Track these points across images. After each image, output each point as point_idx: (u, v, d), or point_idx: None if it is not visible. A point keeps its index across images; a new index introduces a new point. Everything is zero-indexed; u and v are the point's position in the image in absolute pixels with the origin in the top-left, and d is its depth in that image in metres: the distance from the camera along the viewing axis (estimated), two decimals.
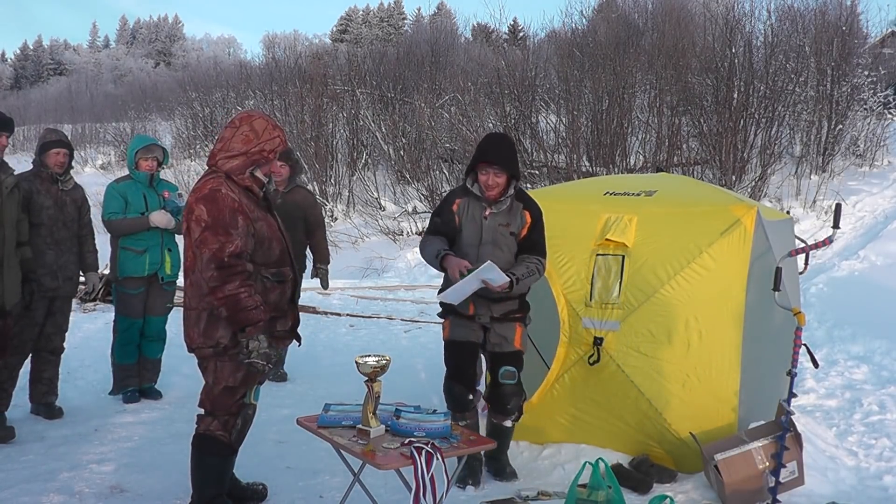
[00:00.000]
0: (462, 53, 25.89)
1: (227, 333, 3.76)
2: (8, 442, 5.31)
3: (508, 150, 4.67)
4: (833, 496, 4.49)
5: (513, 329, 4.70)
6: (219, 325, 3.77)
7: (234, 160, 3.81)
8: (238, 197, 3.76)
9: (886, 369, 7.19)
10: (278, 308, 3.94)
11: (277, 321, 3.95)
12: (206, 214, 3.66)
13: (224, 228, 3.64)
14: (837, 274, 10.62)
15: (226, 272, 3.62)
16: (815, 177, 14.89)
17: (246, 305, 3.65)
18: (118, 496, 4.47)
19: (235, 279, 3.63)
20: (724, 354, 4.82)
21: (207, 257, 3.62)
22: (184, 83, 30.14)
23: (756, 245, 4.92)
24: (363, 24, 70.19)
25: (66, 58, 77.87)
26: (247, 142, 3.82)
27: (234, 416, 3.92)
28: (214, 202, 3.69)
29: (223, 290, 3.62)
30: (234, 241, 3.65)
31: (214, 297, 3.64)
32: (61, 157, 5.81)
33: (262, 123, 3.88)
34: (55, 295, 5.77)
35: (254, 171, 3.86)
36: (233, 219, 3.69)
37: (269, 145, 3.85)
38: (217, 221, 3.65)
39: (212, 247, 3.61)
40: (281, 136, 3.91)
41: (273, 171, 6.85)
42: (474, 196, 4.68)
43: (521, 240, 4.67)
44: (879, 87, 16.30)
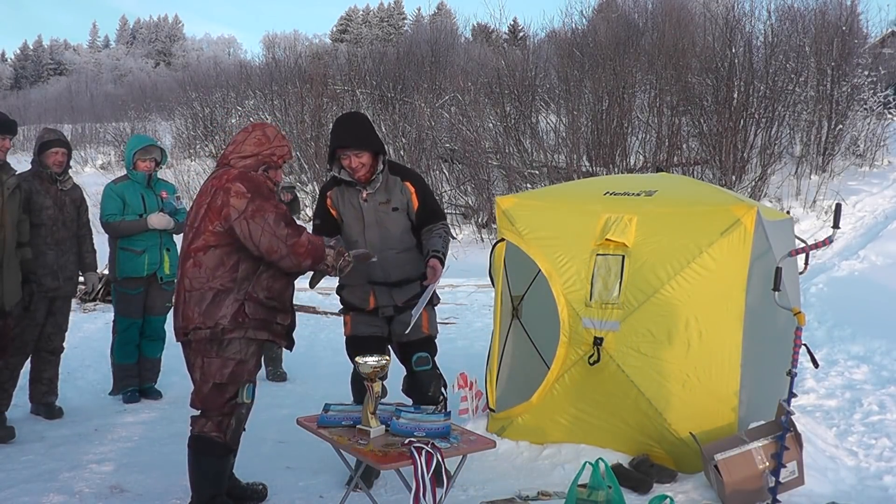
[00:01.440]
0: (462, 53, 25.88)
1: (229, 313, 3.81)
2: (8, 442, 5.32)
3: (361, 128, 4.55)
4: (833, 496, 4.48)
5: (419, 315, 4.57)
6: (223, 304, 3.82)
7: (246, 159, 3.98)
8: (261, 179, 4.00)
9: (886, 369, 7.18)
10: (281, 300, 3.99)
11: (278, 314, 3.99)
12: (247, 189, 3.81)
13: (271, 198, 3.89)
14: (837, 274, 10.62)
15: (293, 225, 3.85)
16: (815, 177, 14.89)
17: (320, 243, 3.92)
18: (118, 496, 4.47)
19: (302, 229, 3.89)
20: (724, 354, 4.82)
21: (273, 218, 3.78)
22: (184, 83, 30.13)
23: (756, 245, 4.91)
24: (363, 24, 70.19)
25: (66, 58, 77.87)
26: (259, 144, 4.01)
27: (228, 416, 3.92)
28: (250, 180, 3.89)
29: (301, 241, 3.81)
30: (282, 206, 3.92)
31: (296, 253, 3.80)
32: (60, 157, 5.80)
33: (273, 131, 4.12)
34: (55, 295, 5.77)
35: (266, 170, 4.02)
36: (270, 194, 3.93)
37: (278, 151, 4.06)
38: (261, 193, 3.85)
39: (271, 209, 3.79)
40: (289, 147, 4.13)
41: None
42: (346, 182, 4.58)
43: (417, 211, 4.59)
44: (879, 87, 16.29)
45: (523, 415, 5.29)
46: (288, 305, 4.05)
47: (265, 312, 3.90)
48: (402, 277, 4.61)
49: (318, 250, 3.86)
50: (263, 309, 3.90)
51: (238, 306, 3.83)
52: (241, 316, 3.83)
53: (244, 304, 3.83)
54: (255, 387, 4.02)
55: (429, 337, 4.68)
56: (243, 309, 3.83)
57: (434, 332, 4.73)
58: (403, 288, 4.64)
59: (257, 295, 3.87)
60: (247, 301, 3.84)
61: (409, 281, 4.60)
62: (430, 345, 4.69)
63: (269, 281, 3.90)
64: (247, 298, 3.84)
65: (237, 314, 3.82)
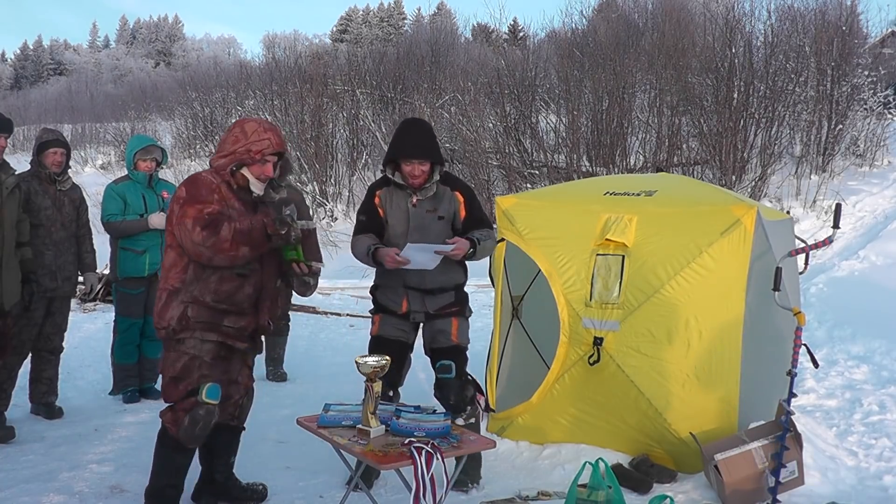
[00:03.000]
0: (462, 53, 25.88)
1: (175, 315, 3.86)
2: (8, 442, 5.31)
3: (426, 138, 4.59)
4: (833, 496, 4.48)
5: (449, 323, 4.65)
6: (171, 306, 3.88)
7: (223, 159, 3.96)
8: (218, 183, 3.92)
9: (886, 369, 7.18)
10: (232, 302, 3.94)
11: (228, 316, 3.95)
12: (185, 192, 3.85)
13: (201, 199, 3.82)
14: (837, 274, 10.61)
15: (212, 225, 3.73)
16: (815, 177, 14.88)
17: (247, 227, 3.76)
18: (118, 496, 4.46)
19: (222, 224, 3.74)
20: (724, 354, 4.82)
21: (190, 224, 3.73)
22: (184, 83, 30.13)
23: (756, 245, 4.92)
24: (363, 24, 70.17)
25: (66, 58, 77.81)
26: (235, 142, 3.95)
27: (184, 413, 3.91)
28: (193, 182, 3.92)
29: (220, 238, 3.72)
30: (212, 205, 3.82)
31: (220, 251, 3.72)
32: (58, 157, 5.80)
33: (252, 126, 4.01)
34: (54, 295, 5.77)
35: (236, 168, 3.94)
36: (208, 193, 3.86)
37: (256, 146, 3.93)
38: (194, 196, 3.83)
39: (191, 214, 3.75)
40: (273, 139, 3.97)
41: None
42: (397, 185, 4.62)
43: (464, 220, 4.64)
44: (879, 87, 16.29)
45: (523, 415, 5.29)
46: (245, 307, 3.98)
47: (211, 315, 3.90)
48: (437, 286, 4.62)
49: (249, 234, 3.75)
50: (209, 311, 3.89)
51: (182, 309, 3.86)
52: (185, 319, 3.86)
53: (188, 307, 3.86)
54: (219, 389, 3.92)
55: (457, 346, 4.68)
56: (186, 312, 3.86)
57: (463, 341, 4.73)
58: (437, 296, 4.65)
59: (204, 298, 3.87)
60: (190, 304, 3.86)
61: (443, 290, 4.61)
62: (456, 353, 4.68)
63: (216, 283, 3.88)
64: (191, 301, 3.86)
65: (182, 317, 3.86)
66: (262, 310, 4.07)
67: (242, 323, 3.99)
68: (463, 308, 4.73)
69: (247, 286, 3.96)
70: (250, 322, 4.03)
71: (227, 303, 3.92)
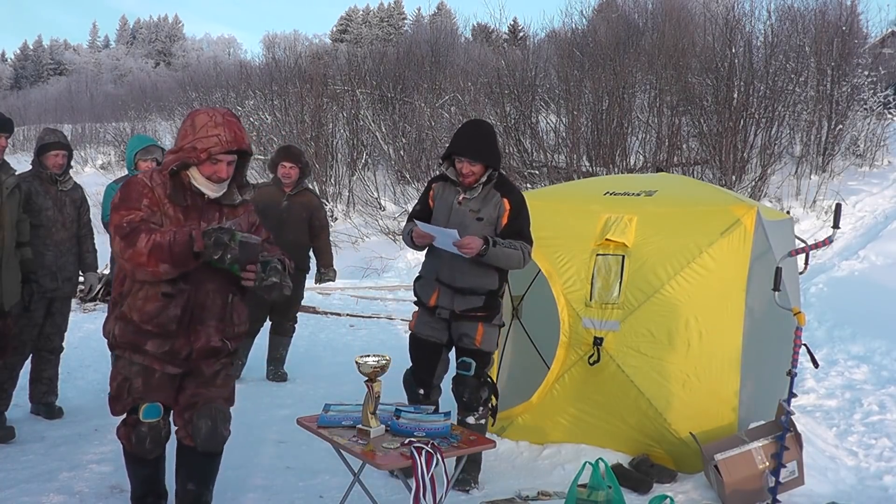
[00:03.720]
0: (462, 53, 25.88)
1: (111, 330, 3.58)
2: (8, 442, 5.31)
3: (482, 141, 4.62)
4: (833, 496, 4.49)
5: (474, 328, 4.64)
6: (109, 318, 3.61)
7: (171, 155, 3.53)
8: (152, 184, 3.49)
9: (886, 369, 7.19)
10: (157, 324, 3.50)
11: (151, 339, 3.52)
12: (117, 198, 3.47)
13: (127, 204, 3.41)
14: (837, 274, 10.62)
15: (130, 235, 3.31)
16: (815, 177, 14.88)
17: (166, 241, 3.28)
18: (118, 496, 4.46)
19: (139, 233, 3.31)
20: (725, 354, 4.82)
21: (112, 231, 3.39)
22: (184, 83, 30.15)
23: (756, 245, 4.92)
24: (363, 24, 70.18)
25: (66, 58, 77.86)
26: (183, 137, 3.50)
27: (131, 428, 3.68)
28: (126, 185, 3.53)
29: (136, 250, 3.29)
30: (134, 213, 3.39)
31: (138, 265, 3.31)
32: (60, 159, 5.79)
33: (203, 119, 3.49)
34: (55, 295, 5.77)
35: (179, 168, 3.49)
36: (138, 198, 3.44)
37: (202, 143, 3.43)
38: (122, 200, 3.44)
39: (114, 221, 3.39)
40: (223, 135, 3.45)
41: (281, 172, 7.02)
42: (451, 181, 4.71)
43: (504, 228, 4.62)
44: (879, 87, 16.28)
45: (523, 415, 5.30)
46: (171, 329, 3.51)
47: (135, 335, 3.53)
48: (467, 285, 4.60)
49: (169, 249, 3.26)
50: (134, 331, 3.53)
51: (114, 324, 3.59)
52: (114, 336, 3.59)
53: (117, 324, 3.56)
54: (158, 408, 3.66)
55: (478, 350, 4.68)
56: (115, 329, 3.57)
57: (486, 347, 4.70)
58: (466, 297, 4.64)
59: (131, 315, 3.51)
60: (118, 320, 3.56)
61: (473, 292, 4.58)
62: (478, 355, 4.68)
63: (142, 301, 3.48)
64: (120, 318, 3.55)
65: (113, 333, 3.59)
66: (200, 332, 3.59)
67: (167, 347, 3.55)
68: (491, 314, 4.67)
69: (172, 307, 3.49)
70: (182, 345, 3.56)
71: (151, 324, 3.50)
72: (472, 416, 4.65)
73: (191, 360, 3.61)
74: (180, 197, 3.50)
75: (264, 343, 7.32)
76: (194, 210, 3.54)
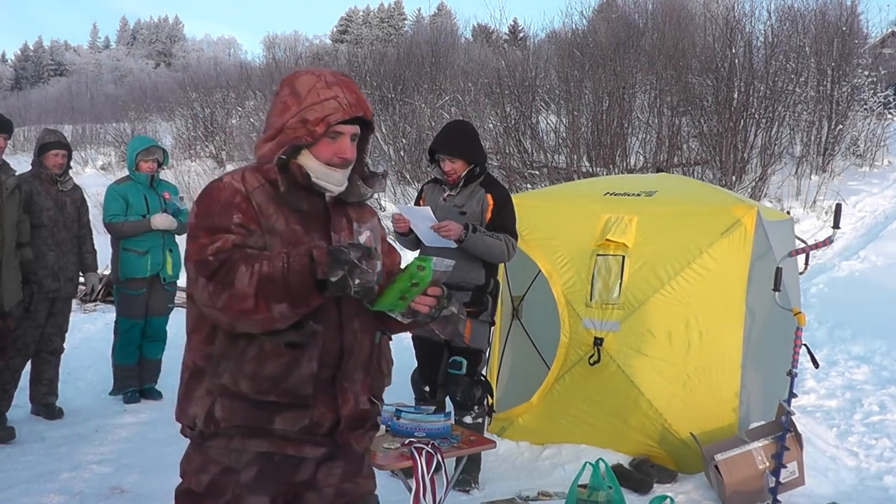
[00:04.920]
0: (462, 54, 25.86)
1: (201, 412, 2.33)
2: (8, 442, 5.33)
3: (460, 138, 4.76)
4: (833, 496, 4.49)
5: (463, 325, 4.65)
6: (193, 395, 2.36)
7: (266, 143, 2.41)
8: (247, 189, 2.34)
9: (887, 370, 7.19)
10: (286, 389, 2.30)
11: (279, 413, 2.32)
12: (193, 217, 2.34)
13: (210, 225, 2.28)
14: (838, 274, 10.61)
15: (223, 271, 2.19)
16: (816, 177, 14.86)
17: (277, 271, 2.15)
18: (118, 496, 4.47)
19: (236, 266, 2.18)
20: (725, 355, 4.82)
21: (192, 272, 2.26)
22: (184, 84, 30.10)
23: (756, 245, 4.92)
24: (363, 25, 70.18)
25: (67, 58, 77.88)
26: (283, 111, 2.40)
27: None
28: (207, 196, 2.35)
29: (235, 293, 2.16)
30: (221, 237, 2.26)
31: (241, 314, 2.17)
32: (60, 159, 5.81)
33: (308, 81, 2.40)
34: (56, 296, 5.78)
35: (287, 157, 2.35)
36: (225, 212, 2.29)
37: (314, 111, 2.34)
38: (200, 220, 2.30)
39: (192, 255, 2.26)
40: (342, 96, 2.37)
41: None
42: (440, 182, 4.84)
43: (488, 223, 4.65)
44: (880, 88, 16.28)
45: (524, 415, 5.30)
46: (307, 394, 2.32)
47: (250, 413, 2.31)
48: (453, 281, 4.56)
49: (283, 282, 2.14)
50: (247, 407, 2.31)
51: (210, 404, 2.33)
52: (212, 421, 2.32)
53: (216, 403, 2.32)
54: None
55: (469, 347, 4.69)
56: (213, 409, 2.32)
57: (476, 344, 4.72)
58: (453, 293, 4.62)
59: (238, 386, 2.29)
60: (220, 397, 2.32)
61: (459, 287, 4.57)
62: (468, 353, 4.70)
63: (255, 362, 2.29)
64: (220, 392, 2.32)
65: (209, 416, 2.33)
66: (347, 391, 2.40)
67: (306, 421, 2.35)
68: (479, 311, 4.68)
69: (306, 362, 2.31)
70: (324, 414, 2.37)
71: (276, 392, 2.30)
72: (469, 416, 4.66)
73: (336, 435, 2.42)
74: (296, 198, 2.37)
75: None
76: (314, 218, 2.41)
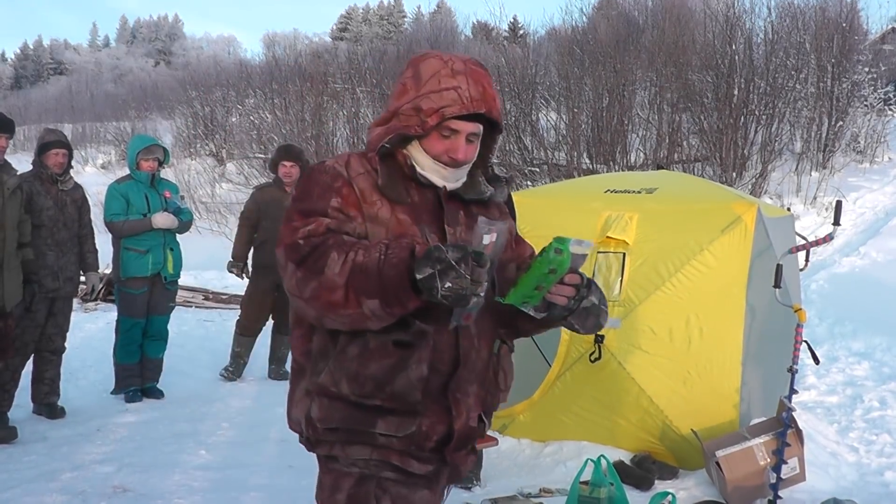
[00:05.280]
0: (462, 51, 25.87)
1: (302, 416, 2.13)
2: (10, 442, 5.33)
3: None
4: (834, 492, 4.49)
5: None
6: (294, 396, 2.16)
7: (379, 127, 2.21)
8: (349, 174, 2.11)
9: (887, 365, 7.20)
10: (391, 392, 2.04)
11: (381, 418, 2.06)
12: (290, 199, 2.13)
13: (305, 207, 2.05)
14: (838, 270, 10.62)
15: (312, 257, 1.94)
16: (816, 173, 14.87)
17: (372, 262, 1.87)
18: (121, 496, 4.47)
19: (327, 252, 1.92)
20: (725, 351, 4.83)
21: (281, 256, 2.02)
22: (184, 82, 30.08)
23: (757, 242, 4.93)
24: (363, 23, 70.11)
25: (67, 57, 77.85)
26: (400, 94, 2.19)
27: None
28: (307, 178, 2.15)
29: (325, 281, 1.90)
30: (315, 220, 2.02)
31: (329, 306, 1.92)
32: (60, 158, 5.81)
33: (433, 65, 2.17)
34: (56, 296, 5.78)
35: (392, 145, 2.13)
36: (324, 195, 2.06)
37: (429, 101, 2.10)
38: (296, 204, 2.09)
39: (285, 237, 2.03)
40: (462, 90, 2.10)
41: (282, 172, 7.07)
42: None
43: None
44: (880, 84, 16.30)
45: (525, 412, 5.30)
46: (416, 400, 2.05)
47: (349, 414, 2.07)
48: None
49: (377, 275, 1.86)
50: (346, 408, 2.07)
51: (307, 404, 2.12)
52: (310, 423, 2.11)
53: (314, 402, 2.10)
54: None
55: None
56: (311, 411, 2.11)
57: None
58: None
59: (338, 386, 2.06)
60: (316, 397, 2.10)
61: None
62: None
63: (357, 360, 2.05)
64: (316, 391, 2.09)
65: (309, 419, 2.11)
66: (460, 403, 2.13)
67: (413, 428, 2.08)
68: None
69: (414, 363, 2.04)
70: (433, 426, 2.10)
71: (380, 395, 2.05)
72: None
73: (444, 452, 2.12)
74: (399, 189, 2.13)
75: (265, 342, 7.34)
76: (425, 209, 2.16)
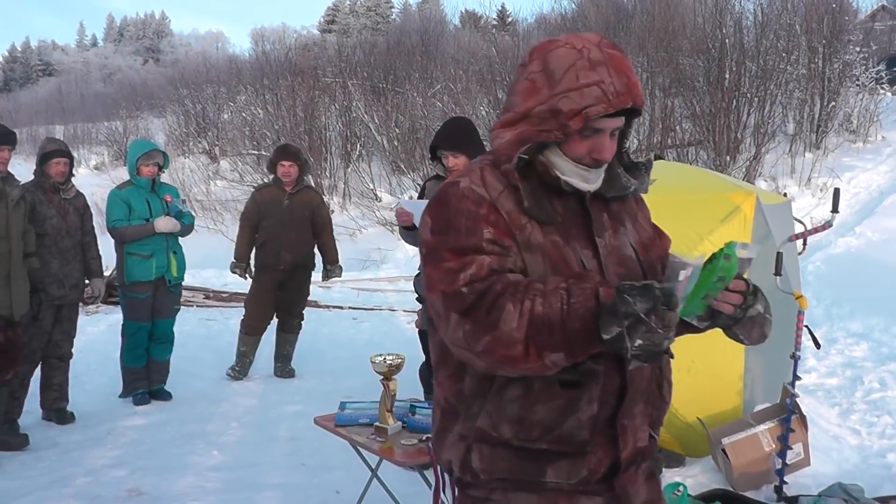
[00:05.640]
0: (452, 41, 25.81)
1: (456, 458, 1.97)
2: (23, 449, 5.36)
3: (462, 133, 5.02)
4: (837, 476, 4.55)
5: None
6: (446, 438, 2.00)
7: (507, 130, 1.93)
8: (491, 195, 1.87)
9: (886, 346, 7.27)
10: (558, 436, 1.87)
11: (551, 463, 1.89)
12: (429, 231, 1.89)
13: (455, 244, 1.82)
14: (834, 251, 10.68)
15: (481, 307, 1.74)
16: (810, 154, 14.93)
17: (556, 312, 1.70)
18: (136, 499, 4.51)
19: (501, 303, 1.73)
20: (727, 340, 4.82)
21: (440, 305, 1.81)
22: (174, 80, 29.96)
23: (756, 231, 4.96)
24: (350, 14, 69.81)
25: (55, 58, 77.43)
26: (530, 93, 1.89)
27: None
28: (444, 204, 1.89)
29: (500, 337, 1.72)
30: (472, 260, 1.80)
31: (506, 361, 1.74)
32: (62, 167, 5.84)
33: (566, 57, 1.87)
34: (62, 303, 5.81)
35: (528, 155, 1.88)
36: (473, 226, 1.83)
37: (570, 101, 1.83)
38: (442, 235, 1.85)
39: (438, 284, 1.82)
40: (607, 85, 1.85)
41: (281, 171, 7.11)
42: (442, 178, 5.01)
43: None
44: (871, 63, 16.34)
45: None
46: (577, 443, 1.88)
47: (516, 464, 1.90)
48: None
49: (561, 327, 1.69)
50: (512, 456, 1.90)
51: (464, 450, 1.95)
52: (468, 471, 1.94)
53: (471, 448, 1.93)
54: None
55: None
56: (470, 456, 1.93)
57: None
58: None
59: (500, 430, 1.88)
60: (477, 443, 1.92)
61: None
62: None
63: (519, 402, 1.86)
64: (476, 438, 1.92)
65: (465, 465, 1.95)
66: (626, 430, 1.95)
67: (584, 472, 1.91)
68: None
69: (585, 404, 1.87)
70: (600, 460, 1.92)
71: (547, 438, 1.87)
72: None
73: (612, 481, 1.96)
74: (546, 207, 1.90)
75: (270, 340, 7.38)
76: (573, 224, 1.95)
